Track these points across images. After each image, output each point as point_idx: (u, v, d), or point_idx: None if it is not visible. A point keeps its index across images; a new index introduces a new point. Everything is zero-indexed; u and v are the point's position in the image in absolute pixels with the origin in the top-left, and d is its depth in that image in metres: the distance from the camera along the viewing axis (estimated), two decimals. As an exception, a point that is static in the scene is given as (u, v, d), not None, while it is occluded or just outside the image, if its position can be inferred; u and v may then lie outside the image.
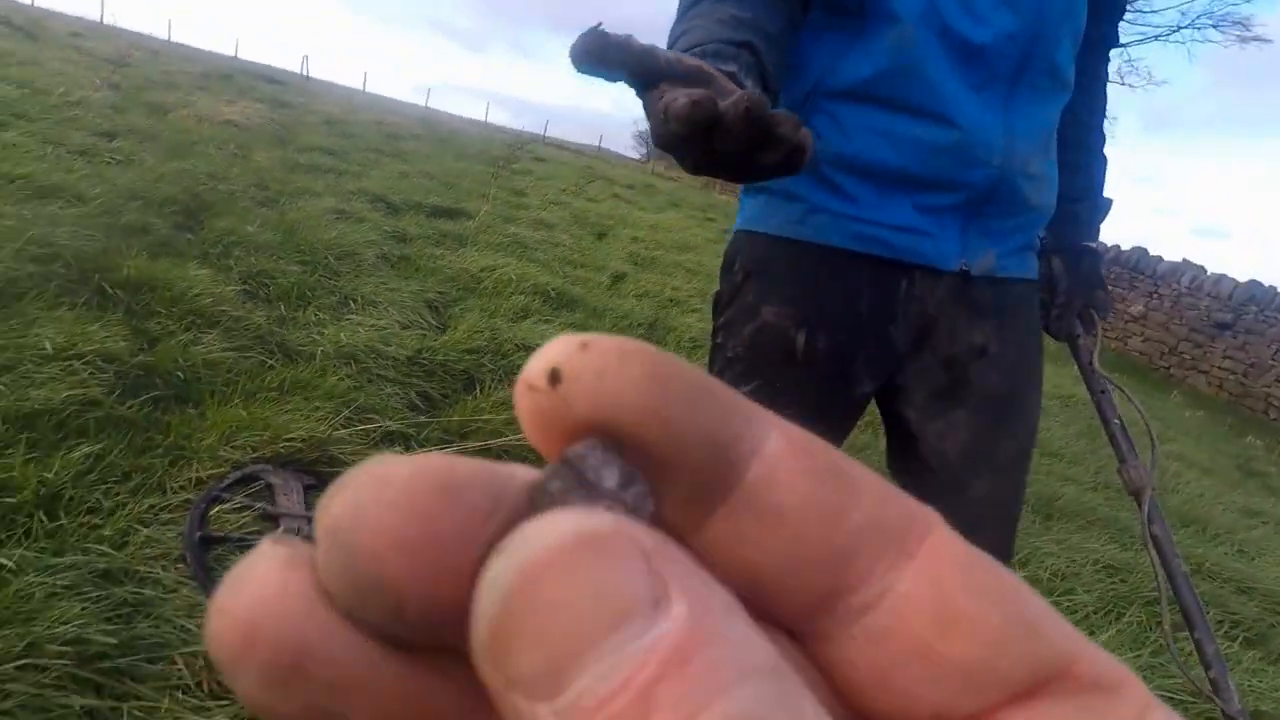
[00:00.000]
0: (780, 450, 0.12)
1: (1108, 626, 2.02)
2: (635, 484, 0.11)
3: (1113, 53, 1.08)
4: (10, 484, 1.29)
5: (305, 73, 21.25)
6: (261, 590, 0.10)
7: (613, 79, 0.53)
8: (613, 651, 0.09)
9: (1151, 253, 9.32)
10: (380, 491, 0.10)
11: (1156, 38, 15.18)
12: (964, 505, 0.96)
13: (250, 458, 1.61)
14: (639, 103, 0.56)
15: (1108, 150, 1.09)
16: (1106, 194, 1.09)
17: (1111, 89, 1.11)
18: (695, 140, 0.51)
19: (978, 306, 0.92)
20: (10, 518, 1.24)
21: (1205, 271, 8.78)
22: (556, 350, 0.11)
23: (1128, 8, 1.01)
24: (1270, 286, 8.22)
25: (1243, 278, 8.52)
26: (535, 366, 0.11)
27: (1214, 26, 14.51)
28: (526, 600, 0.09)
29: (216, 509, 1.44)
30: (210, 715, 1.05)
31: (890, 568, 0.12)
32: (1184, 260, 9.03)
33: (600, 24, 0.51)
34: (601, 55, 0.51)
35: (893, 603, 0.12)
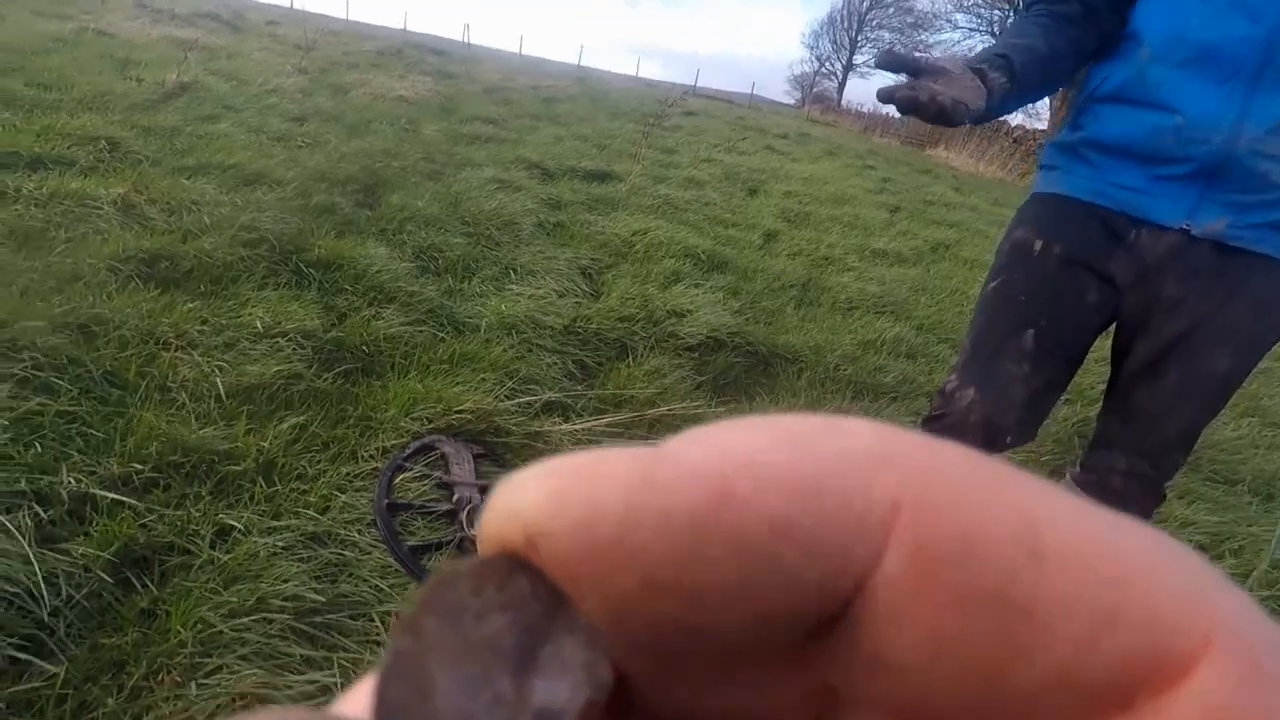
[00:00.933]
0: (900, 572, 0.08)
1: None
2: None
3: None
4: (235, 453, 1.49)
5: (467, 40, 22.18)
6: None
7: (897, 73, 0.97)
8: None
9: None
10: None
11: None
12: (1124, 412, 1.19)
13: (427, 429, 1.75)
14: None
15: None
16: None
17: None
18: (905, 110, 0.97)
19: (1193, 265, 1.08)
20: (237, 483, 1.43)
21: None
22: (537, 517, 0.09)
23: None
24: None
25: None
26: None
27: None
28: None
29: (400, 477, 1.58)
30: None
31: None
32: None
33: (893, 45, 1.10)
34: (891, 62, 0.97)
35: None
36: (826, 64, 44.05)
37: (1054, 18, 1.11)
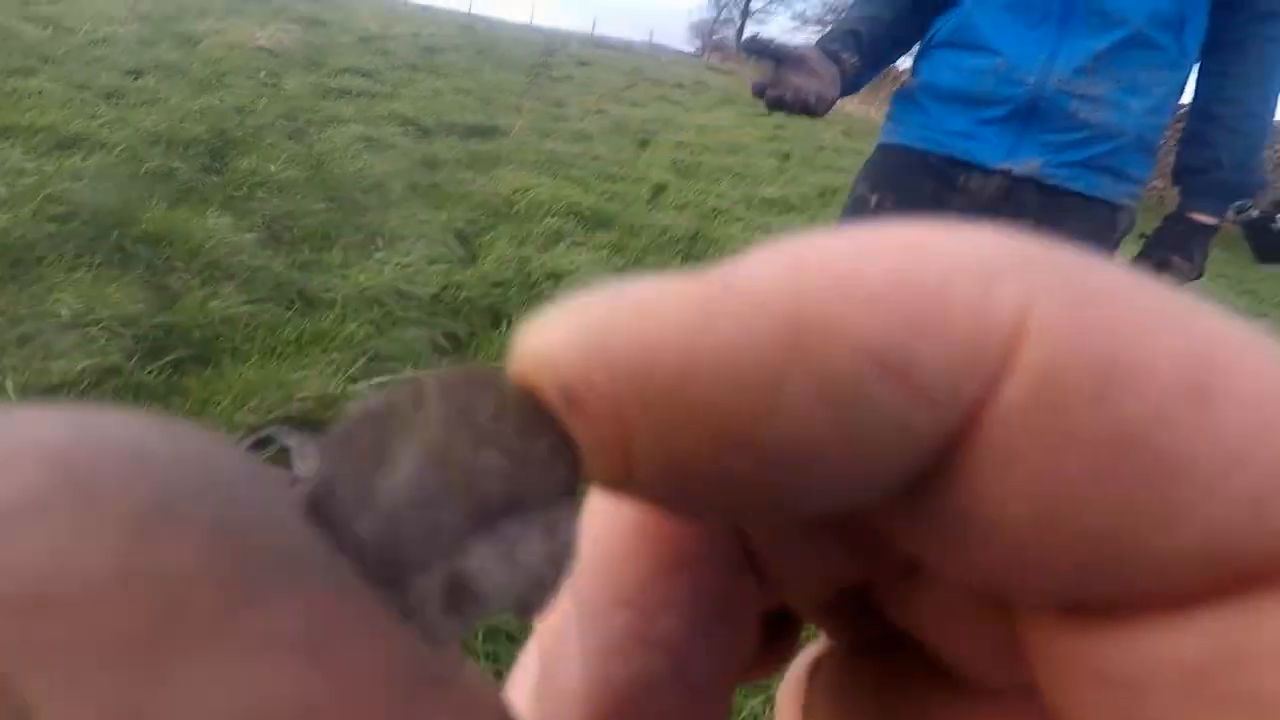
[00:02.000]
0: (1020, 408, 0.06)
1: None
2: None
3: None
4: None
5: (342, -16, 20.65)
6: None
7: (761, 59, 1.07)
8: None
9: None
10: None
11: None
12: None
13: (265, 420, 1.59)
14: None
15: None
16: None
17: None
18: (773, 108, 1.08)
19: (1020, 205, 1.13)
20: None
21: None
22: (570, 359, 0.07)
23: None
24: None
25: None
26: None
27: None
28: None
29: (230, 477, 1.43)
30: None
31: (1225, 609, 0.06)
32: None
33: (757, 34, 1.17)
34: (754, 48, 1.09)
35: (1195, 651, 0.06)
36: (725, 10, 43.68)
37: None
